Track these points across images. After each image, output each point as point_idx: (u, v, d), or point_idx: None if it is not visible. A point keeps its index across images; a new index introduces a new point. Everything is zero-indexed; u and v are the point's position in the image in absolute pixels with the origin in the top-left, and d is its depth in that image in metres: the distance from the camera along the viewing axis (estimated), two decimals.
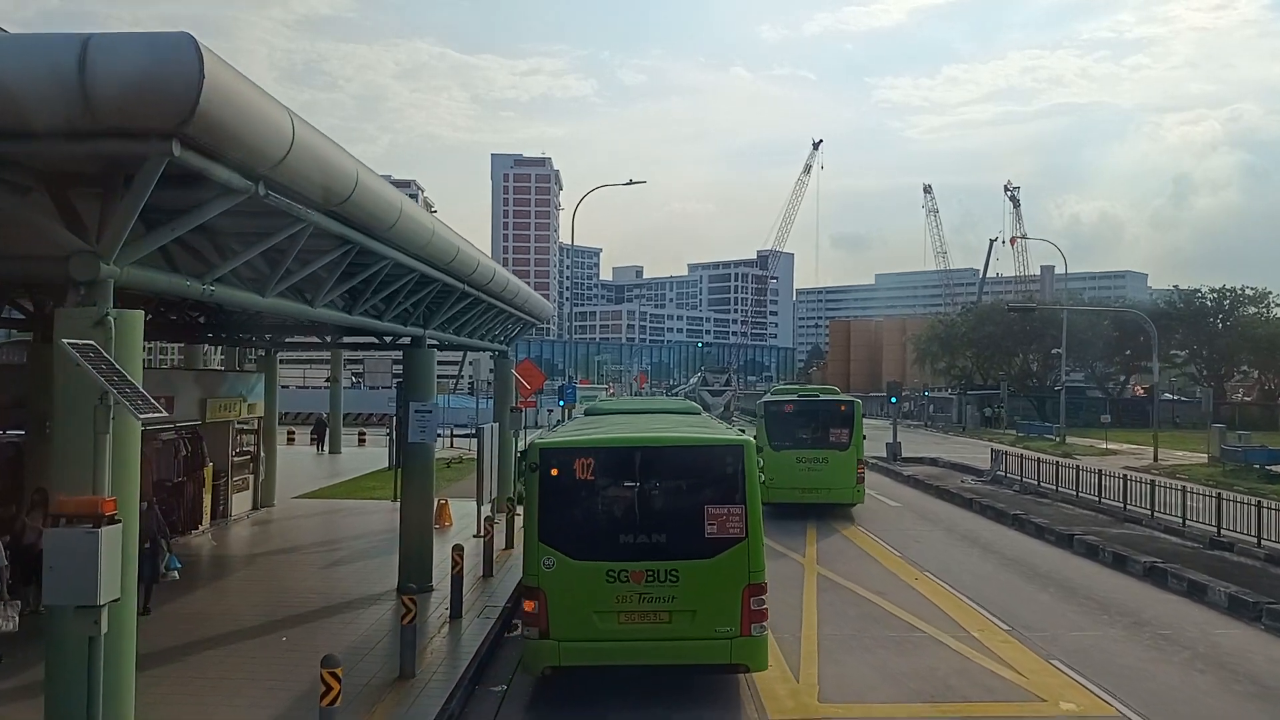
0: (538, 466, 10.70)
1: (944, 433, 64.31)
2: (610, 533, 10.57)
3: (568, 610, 10.27)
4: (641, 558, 10.36)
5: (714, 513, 10.49)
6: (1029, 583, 16.94)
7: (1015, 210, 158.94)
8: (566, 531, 10.49)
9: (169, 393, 18.25)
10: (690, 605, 10.28)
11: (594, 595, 10.27)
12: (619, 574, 10.29)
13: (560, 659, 10.29)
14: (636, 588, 10.27)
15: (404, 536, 15.13)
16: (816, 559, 18.73)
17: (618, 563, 10.33)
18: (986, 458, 42.19)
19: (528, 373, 26.85)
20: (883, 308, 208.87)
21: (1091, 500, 26.13)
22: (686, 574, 10.31)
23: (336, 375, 39.86)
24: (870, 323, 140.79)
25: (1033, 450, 47.99)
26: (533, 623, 10.36)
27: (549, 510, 10.56)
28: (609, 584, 10.28)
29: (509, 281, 17.46)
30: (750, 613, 10.32)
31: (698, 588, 10.30)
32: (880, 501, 27.78)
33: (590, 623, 10.26)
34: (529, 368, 27.41)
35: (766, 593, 10.53)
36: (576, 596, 10.28)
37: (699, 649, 10.31)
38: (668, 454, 11.08)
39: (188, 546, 18.74)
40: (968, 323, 77.00)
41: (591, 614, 10.27)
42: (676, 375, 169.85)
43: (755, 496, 10.58)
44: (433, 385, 15.31)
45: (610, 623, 10.26)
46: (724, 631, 10.28)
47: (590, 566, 10.35)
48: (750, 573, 10.40)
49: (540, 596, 10.30)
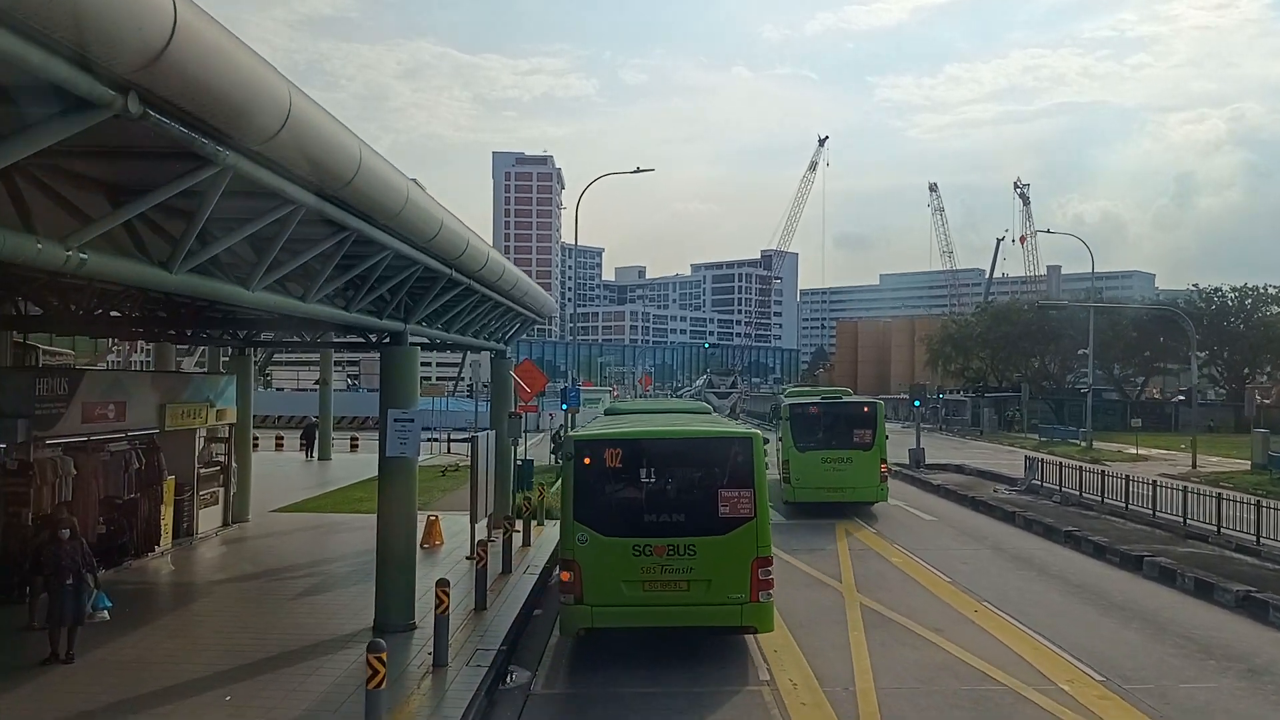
0: (573, 456, 12.20)
1: (961, 436, 61.99)
2: (636, 513, 12.08)
3: (599, 579, 11.65)
4: (663, 534, 11.78)
5: (726, 495, 11.93)
6: (1107, 616, 14.66)
7: (1025, 208, 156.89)
8: (598, 512, 11.94)
9: (118, 398, 16.05)
10: (706, 575, 11.66)
11: (622, 566, 11.65)
12: (644, 548, 11.71)
13: (593, 621, 11.69)
14: (659, 560, 11.65)
15: (381, 568, 12.88)
16: (856, 585, 16.48)
17: (643, 538, 11.76)
18: (1014, 464, 40.05)
19: (528, 375, 24.63)
20: (887, 308, 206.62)
21: (1143, 513, 23.85)
22: (703, 548, 11.73)
23: (326, 377, 37.63)
24: (878, 323, 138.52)
25: (1057, 455, 45.82)
26: (569, 590, 11.73)
27: (583, 493, 11.98)
28: (635, 557, 11.68)
29: (505, 269, 15.22)
30: (758, 581, 11.69)
31: (712, 560, 11.70)
32: (913, 515, 25.51)
33: (619, 590, 11.65)
34: (530, 369, 25.19)
35: (773, 564, 11.91)
36: (607, 568, 11.65)
37: (714, 613, 11.75)
38: (686, 445, 12.85)
39: (142, 571, 16.52)
40: (983, 323, 74.64)
41: (620, 583, 11.66)
42: (680, 377, 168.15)
43: (762, 482, 12.02)
44: (415, 389, 13.07)
45: (636, 590, 11.66)
46: (736, 598, 11.67)
47: (619, 542, 11.76)
48: (758, 547, 11.78)
49: (575, 568, 11.69)
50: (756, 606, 11.71)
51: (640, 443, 12.53)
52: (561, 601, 12.04)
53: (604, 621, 11.69)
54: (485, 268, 13.31)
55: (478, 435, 16.25)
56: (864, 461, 24.82)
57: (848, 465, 24.77)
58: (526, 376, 24.29)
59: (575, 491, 12.00)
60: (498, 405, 21.03)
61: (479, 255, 12.70)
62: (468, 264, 12.51)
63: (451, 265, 12.20)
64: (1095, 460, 37.80)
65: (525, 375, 24.44)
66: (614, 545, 11.76)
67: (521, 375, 24.46)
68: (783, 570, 17.56)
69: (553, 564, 17.82)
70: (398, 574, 12.79)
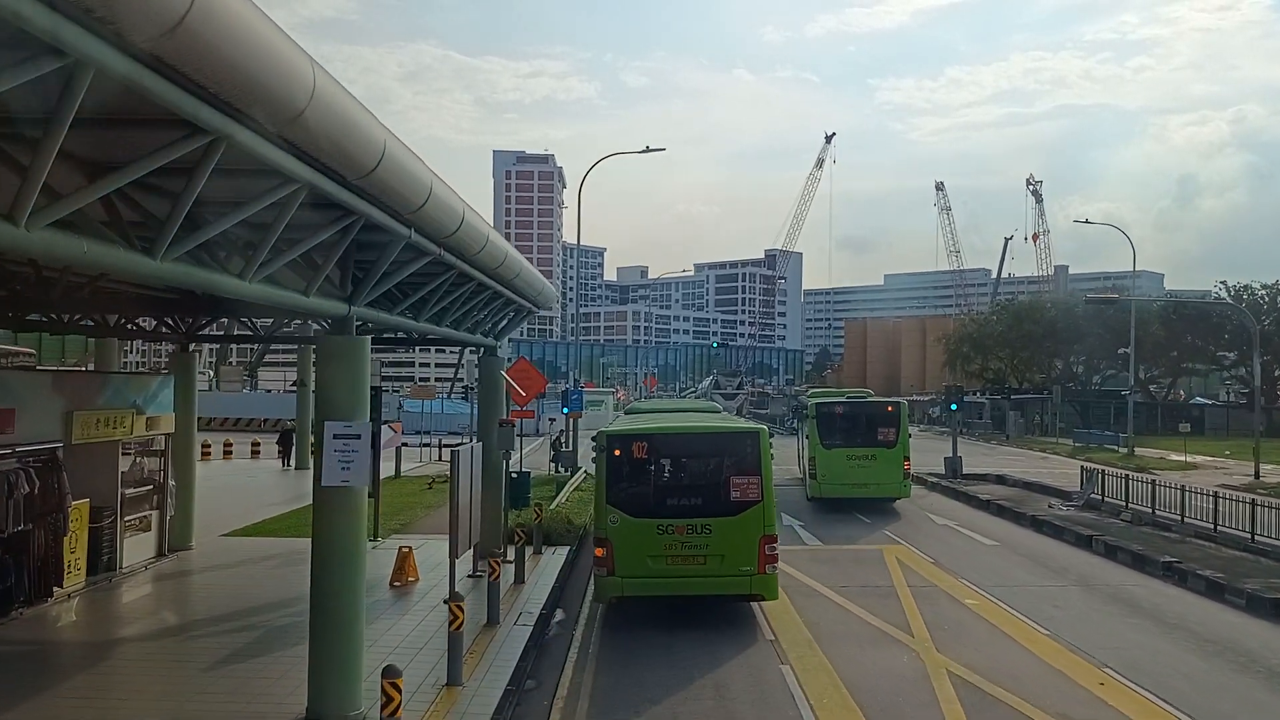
0: (605, 449, 13.84)
1: (986, 441, 58.56)
2: (660, 496, 13.82)
3: (628, 554, 13.32)
4: (684, 515, 13.47)
5: (737, 482, 13.66)
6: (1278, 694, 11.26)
7: (1037, 205, 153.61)
8: (627, 496, 13.68)
9: (4, 403, 12.69)
10: (720, 550, 13.36)
11: (648, 543, 13.34)
12: (667, 527, 13.41)
13: (623, 590, 13.43)
14: (680, 538, 13.36)
15: (316, 638, 9.46)
16: (933, 642, 13.05)
17: (666, 519, 13.46)
18: (1056, 473, 36.81)
19: (523, 376, 21.28)
20: (891, 309, 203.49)
21: (1237, 536, 20.45)
22: (718, 527, 13.42)
23: (304, 377, 34.22)
24: (888, 322, 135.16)
25: (1096, 462, 42.43)
26: (602, 564, 13.48)
27: (614, 480, 13.69)
28: (659, 535, 13.38)
29: (488, 240, 11.78)
30: (765, 556, 13.41)
31: (726, 537, 13.39)
32: (968, 538, 22.10)
33: (645, 563, 13.32)
34: (525, 370, 21.83)
35: (777, 541, 13.71)
36: (635, 544, 13.33)
37: (726, 583, 13.48)
38: (703, 438, 14.71)
39: (36, 623, 13.10)
40: (1004, 321, 71.11)
41: (646, 557, 13.32)
42: (683, 377, 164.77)
43: (768, 470, 13.76)
44: (363, 393, 9.64)
45: (660, 564, 13.34)
46: (745, 570, 13.36)
47: (645, 522, 13.47)
48: (765, 526, 13.50)
49: (608, 545, 13.41)
50: (763, 578, 13.47)
51: (663, 436, 14.45)
52: (595, 574, 13.86)
53: (632, 590, 13.45)
54: (459, 231, 9.91)
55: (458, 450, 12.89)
56: (888, 459, 25.57)
57: (872, 462, 25.54)
58: (521, 378, 20.95)
59: (607, 478, 13.69)
60: (486, 412, 17.62)
61: (447, 211, 9.28)
62: (433, 222, 9.10)
63: (409, 222, 8.80)
64: (1141, 468, 34.33)
65: (520, 377, 21.09)
66: (641, 525, 13.44)
67: (515, 377, 21.11)
68: (837, 617, 14.23)
69: (551, 608, 14.61)
70: (338, 646, 9.37)
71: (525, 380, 20.92)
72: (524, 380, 20.90)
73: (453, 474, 12.48)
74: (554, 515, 20.47)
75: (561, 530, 19.77)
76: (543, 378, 22.20)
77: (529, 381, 21.11)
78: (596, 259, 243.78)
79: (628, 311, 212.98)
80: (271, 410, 57.14)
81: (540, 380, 22.04)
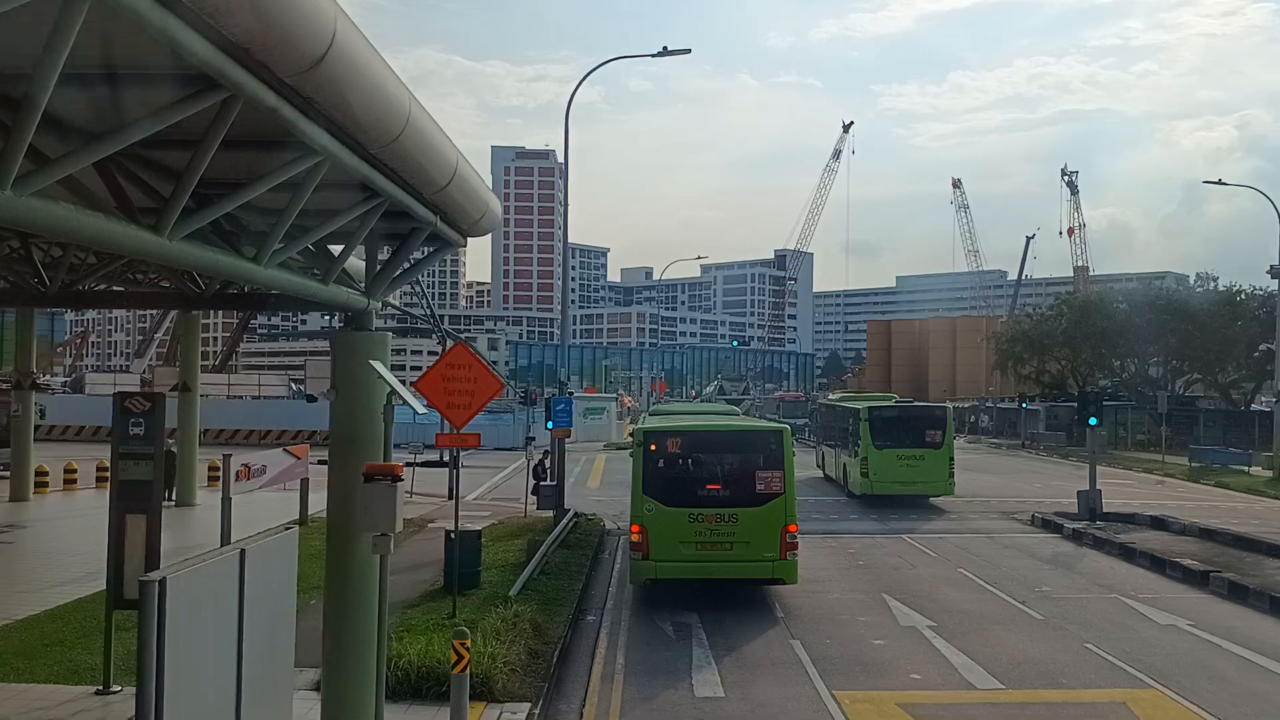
0: (642, 444, 15.26)
1: (1058, 456, 49.13)
2: (692, 488, 15.23)
3: (662, 541, 14.56)
4: (713, 505, 14.80)
5: (762, 475, 14.95)
6: None
7: (1073, 197, 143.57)
8: (661, 487, 14.97)
9: None
10: (745, 538, 14.61)
11: (680, 530, 14.56)
12: (698, 516, 14.65)
13: (656, 574, 14.72)
14: (709, 526, 14.60)
15: None
16: None
17: (697, 508, 14.73)
18: (1207, 506, 27.79)
19: (456, 375, 11.92)
20: (905, 312, 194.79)
21: None
22: (744, 517, 14.65)
23: (190, 380, 24.85)
24: (914, 323, 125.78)
25: (1234, 490, 33.13)
26: (638, 549, 14.72)
27: (650, 473, 15.02)
28: (690, 523, 14.61)
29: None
30: (786, 544, 14.63)
31: (751, 526, 14.63)
32: (1239, 660, 12.67)
33: (677, 549, 14.57)
34: (463, 362, 12.43)
35: (797, 531, 14.95)
36: (668, 531, 14.57)
37: (751, 568, 14.84)
38: (732, 435, 16.53)
39: None
40: (1069, 317, 61.51)
41: (678, 543, 14.56)
42: (690, 381, 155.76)
43: (790, 465, 15.07)
44: None
45: (690, 550, 14.59)
46: (768, 556, 14.60)
47: (678, 511, 14.67)
48: (786, 516, 14.72)
49: (644, 532, 14.61)
50: (785, 563, 14.63)
51: (696, 433, 16.29)
52: (632, 558, 15.01)
53: (665, 574, 14.66)
54: None
55: (245, 548, 3.65)
56: (935, 459, 27.55)
57: (920, 462, 27.45)
58: (450, 382, 11.59)
59: (644, 471, 14.89)
60: (341, 451, 8.33)
61: None
62: None
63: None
64: None
65: (449, 377, 11.74)
66: (674, 513, 14.59)
67: (445, 375, 11.81)
68: None
69: None
70: None
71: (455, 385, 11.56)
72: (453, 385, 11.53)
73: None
74: (505, 628, 11.19)
75: (518, 665, 10.51)
76: (495, 379, 12.74)
77: (465, 385, 11.72)
78: (600, 259, 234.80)
79: (632, 313, 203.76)
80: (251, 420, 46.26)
81: (492, 382, 12.58)
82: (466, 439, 12.91)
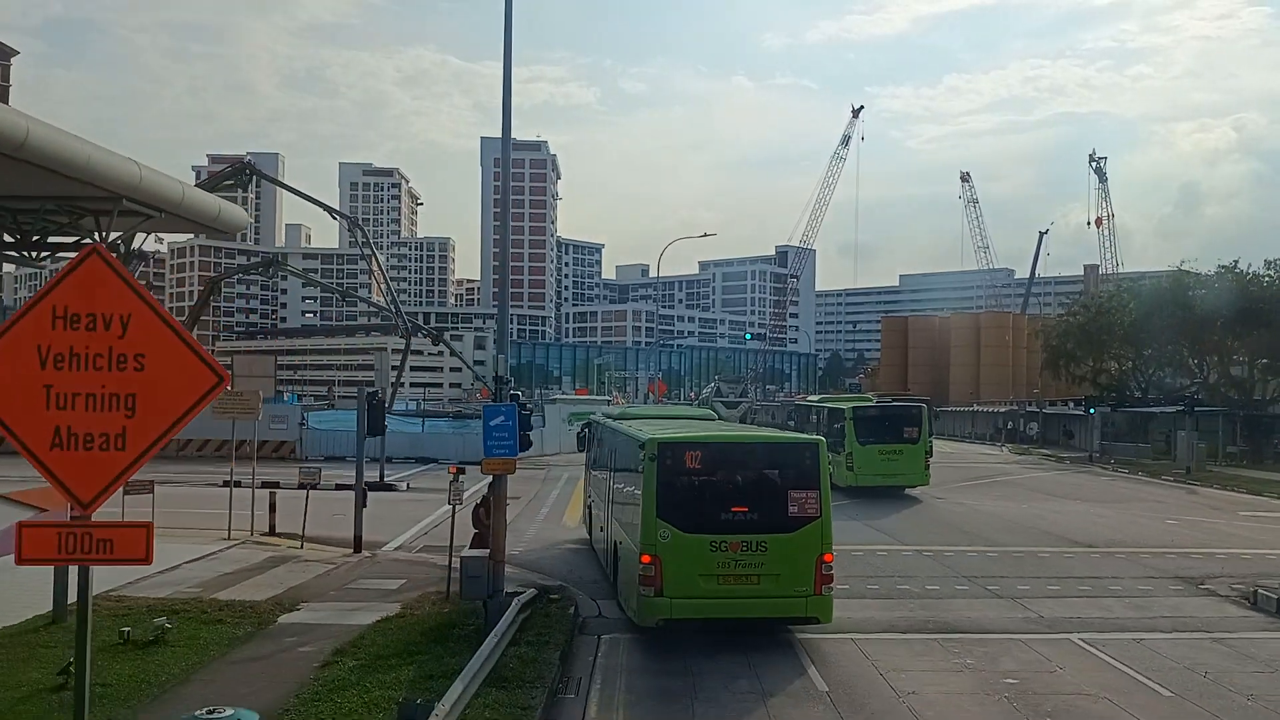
0: (656, 457, 12.92)
1: (1148, 474, 40.65)
2: (714, 511, 12.96)
3: (678, 573, 12.51)
4: (738, 531, 12.70)
5: (795, 495, 12.95)
6: None
7: (1101, 185, 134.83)
8: (678, 510, 12.81)
9: None
10: (775, 570, 12.65)
11: (700, 561, 12.56)
12: (720, 544, 12.61)
13: (672, 613, 12.54)
14: (734, 555, 12.58)
15: None
16: None
17: (719, 535, 12.66)
18: None
19: (77, 341, 3.35)
20: (908, 311, 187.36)
21: None
22: (773, 545, 12.71)
23: None
24: (932, 319, 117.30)
25: None
26: (649, 583, 12.54)
27: (664, 492, 12.84)
28: (712, 552, 12.58)
29: None
30: (821, 576, 12.73)
31: (782, 556, 12.68)
32: None
33: (696, 583, 12.55)
34: (108, 294, 3.98)
35: (833, 561, 12.92)
36: (686, 562, 12.54)
37: (782, 604, 12.79)
38: (760, 449, 14.32)
39: None
40: (1137, 308, 53.13)
41: (697, 576, 12.54)
42: (688, 383, 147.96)
43: (826, 483, 13.16)
44: None
45: (712, 583, 12.55)
46: (801, 590, 12.66)
47: (698, 538, 12.65)
48: (822, 544, 12.81)
49: (657, 562, 12.54)
50: (820, 599, 12.71)
51: (718, 446, 13.92)
52: (641, 594, 12.63)
53: (682, 613, 12.49)
54: None
55: None
56: (912, 453, 30.61)
57: (899, 456, 30.40)
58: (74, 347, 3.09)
59: (657, 491, 12.74)
60: None
61: None
62: None
63: None
64: None
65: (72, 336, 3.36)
66: (693, 541, 12.56)
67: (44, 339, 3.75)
68: None
69: None
70: None
71: (79, 373, 2.63)
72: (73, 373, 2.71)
73: None
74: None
75: None
76: (208, 362, 4.21)
77: (109, 370, 3.04)
78: (594, 255, 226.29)
79: (627, 311, 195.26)
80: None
81: (198, 370, 4.31)
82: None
